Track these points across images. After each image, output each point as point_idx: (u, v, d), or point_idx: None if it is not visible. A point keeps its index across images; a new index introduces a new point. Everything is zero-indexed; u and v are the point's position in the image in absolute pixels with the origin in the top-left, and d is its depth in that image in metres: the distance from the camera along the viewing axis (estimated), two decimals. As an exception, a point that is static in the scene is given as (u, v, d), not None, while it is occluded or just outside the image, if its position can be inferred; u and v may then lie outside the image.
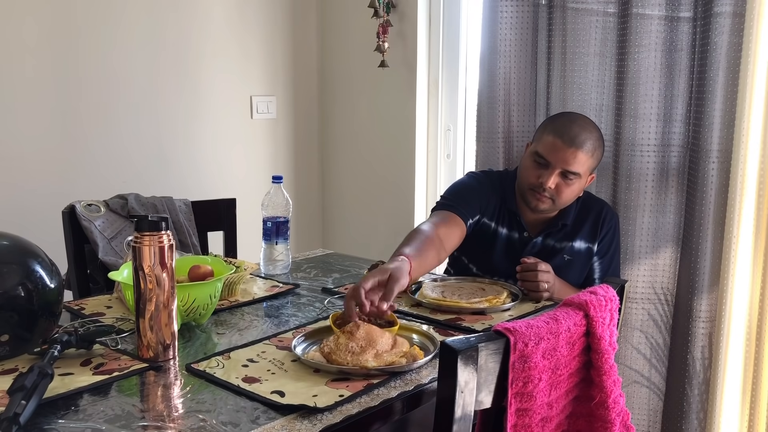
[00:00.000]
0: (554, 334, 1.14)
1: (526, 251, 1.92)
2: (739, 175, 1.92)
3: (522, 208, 1.94)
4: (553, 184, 1.81)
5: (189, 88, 2.76)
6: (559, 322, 1.15)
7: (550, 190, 1.83)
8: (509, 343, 1.09)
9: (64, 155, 2.46)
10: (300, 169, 3.19)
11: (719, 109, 1.97)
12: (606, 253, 1.98)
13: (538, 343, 1.11)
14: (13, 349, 1.31)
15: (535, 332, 1.11)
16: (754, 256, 1.98)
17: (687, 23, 2.06)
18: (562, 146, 1.80)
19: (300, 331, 1.46)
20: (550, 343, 1.13)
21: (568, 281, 1.89)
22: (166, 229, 1.33)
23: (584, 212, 1.96)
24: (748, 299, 2.00)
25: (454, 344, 1.04)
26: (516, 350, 1.09)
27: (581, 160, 1.80)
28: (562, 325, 1.15)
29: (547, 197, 1.84)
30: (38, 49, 2.36)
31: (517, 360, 1.10)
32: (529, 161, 1.87)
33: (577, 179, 1.83)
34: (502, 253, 1.94)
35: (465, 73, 2.81)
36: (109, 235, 2.06)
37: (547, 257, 1.87)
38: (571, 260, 1.93)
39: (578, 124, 1.84)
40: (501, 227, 1.95)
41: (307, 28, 3.13)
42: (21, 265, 1.31)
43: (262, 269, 1.97)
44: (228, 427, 1.08)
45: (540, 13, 2.32)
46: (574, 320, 1.18)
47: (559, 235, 1.94)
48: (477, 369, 1.06)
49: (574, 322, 1.18)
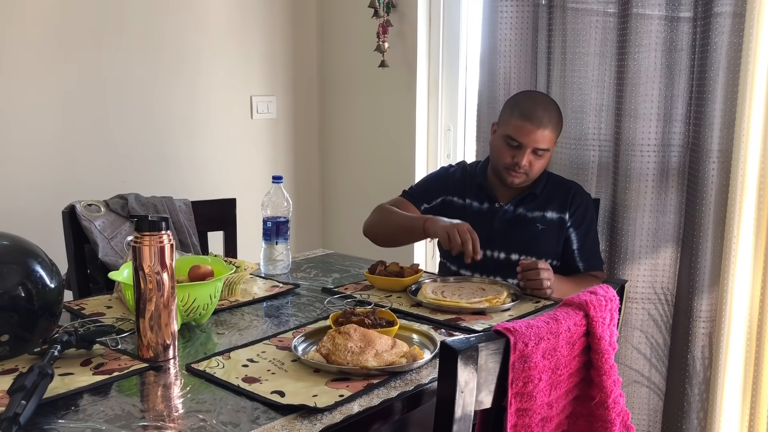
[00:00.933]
0: (554, 334, 1.14)
1: (497, 218, 2.04)
2: (739, 175, 1.92)
3: (492, 181, 2.09)
4: (527, 162, 1.97)
5: (189, 88, 2.76)
6: (559, 322, 1.15)
7: (524, 167, 1.97)
8: (509, 343, 1.09)
9: (64, 155, 2.46)
10: (300, 169, 3.19)
11: (719, 109, 1.97)
12: (581, 224, 2.05)
13: (538, 343, 1.11)
14: (13, 349, 1.31)
15: (535, 332, 1.11)
16: (755, 255, 1.98)
17: (687, 23, 2.06)
18: (531, 128, 1.95)
19: (300, 331, 1.46)
20: (550, 343, 1.13)
21: (545, 251, 2.02)
22: (166, 229, 1.33)
23: (555, 187, 2.08)
24: (748, 299, 2.00)
25: (454, 344, 1.04)
26: (516, 350, 1.09)
27: (549, 137, 1.97)
28: (562, 325, 1.15)
29: (522, 173, 1.99)
30: (38, 49, 2.36)
31: (517, 360, 1.09)
32: (502, 143, 2.01)
33: (546, 153, 1.99)
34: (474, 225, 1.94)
35: (465, 73, 2.81)
36: (109, 235, 2.06)
37: (519, 226, 2.02)
38: (545, 229, 2.03)
39: (542, 105, 2.00)
40: (471, 201, 2.09)
41: (307, 28, 3.13)
42: (21, 265, 1.31)
43: (262, 269, 1.97)
44: (228, 427, 1.08)
45: (540, 13, 2.32)
46: (574, 320, 1.18)
47: (531, 204, 2.04)
48: (477, 369, 1.06)
49: (574, 322, 1.18)
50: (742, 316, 2.00)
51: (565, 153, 2.31)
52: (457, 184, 2.12)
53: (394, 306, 1.67)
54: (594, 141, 2.26)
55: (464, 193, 2.10)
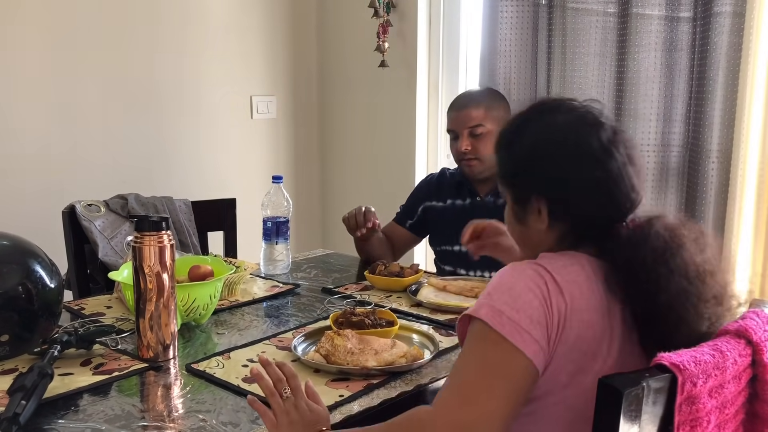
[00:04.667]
0: (721, 369, 0.99)
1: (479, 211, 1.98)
2: (738, 175, 1.92)
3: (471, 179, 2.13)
4: (468, 146, 2.01)
5: (189, 87, 2.76)
6: (724, 355, 1.00)
7: (469, 153, 2.02)
8: (676, 381, 0.94)
9: (64, 155, 2.46)
10: (300, 169, 3.19)
11: (719, 109, 1.97)
12: None
13: (705, 381, 0.97)
14: (13, 349, 1.31)
15: (702, 369, 0.97)
16: (754, 255, 1.98)
17: (687, 23, 2.06)
18: (456, 114, 2.04)
19: (300, 331, 1.46)
20: (717, 379, 0.99)
21: None
22: (167, 229, 1.33)
23: None
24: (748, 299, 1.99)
25: (616, 382, 0.89)
26: (684, 391, 0.95)
27: (476, 115, 2.00)
28: (728, 358, 1.01)
29: (472, 158, 2.03)
30: (38, 49, 2.36)
31: (685, 402, 0.95)
32: (449, 142, 2.11)
33: (485, 130, 2.00)
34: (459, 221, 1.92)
35: (465, 73, 2.81)
36: (109, 235, 2.06)
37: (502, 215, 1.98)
38: None
39: (466, 93, 2.13)
40: (453, 200, 2.13)
41: (307, 28, 3.13)
42: (21, 265, 1.31)
43: (262, 269, 1.97)
44: (228, 427, 1.08)
45: (540, 13, 2.32)
46: (738, 350, 1.03)
47: None
48: (640, 414, 0.92)
49: (738, 353, 1.03)
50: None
51: (565, 153, 2.31)
52: (433, 188, 2.18)
53: (394, 306, 1.67)
54: (594, 141, 2.26)
55: (442, 195, 2.15)
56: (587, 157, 1.04)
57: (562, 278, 0.99)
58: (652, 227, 1.03)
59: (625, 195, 1.05)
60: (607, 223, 1.06)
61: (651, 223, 1.04)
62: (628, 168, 1.05)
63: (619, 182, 1.04)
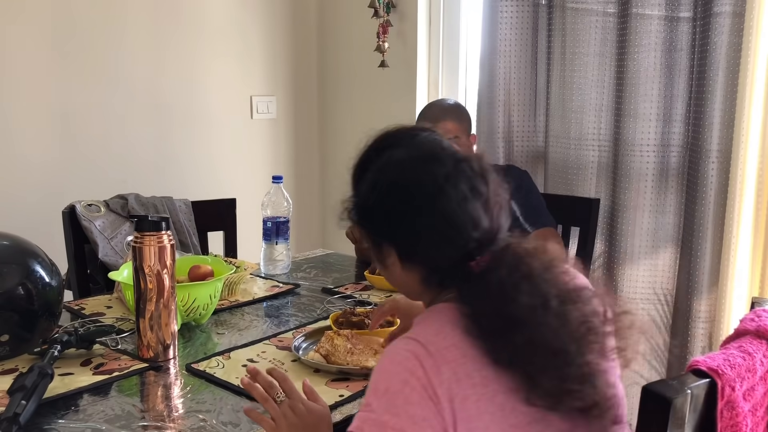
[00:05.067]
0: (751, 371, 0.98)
1: None
2: (738, 175, 1.92)
3: None
4: None
5: (189, 87, 2.76)
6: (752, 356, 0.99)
7: None
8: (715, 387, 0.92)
9: (64, 155, 2.46)
10: (300, 169, 3.19)
11: (719, 109, 1.97)
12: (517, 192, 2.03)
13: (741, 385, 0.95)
14: (13, 349, 1.31)
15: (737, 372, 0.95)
16: (753, 256, 1.98)
17: (687, 23, 2.06)
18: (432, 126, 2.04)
19: (300, 331, 1.46)
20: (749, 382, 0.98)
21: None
22: (167, 229, 1.33)
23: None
24: (747, 299, 2.00)
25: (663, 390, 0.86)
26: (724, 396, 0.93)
27: (452, 127, 2.01)
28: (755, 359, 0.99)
29: None
30: (38, 49, 2.36)
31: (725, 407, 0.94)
32: None
33: (460, 143, 1.99)
34: None
35: (465, 73, 2.81)
36: (109, 235, 2.06)
37: None
38: None
39: (435, 104, 2.18)
40: None
41: (307, 28, 3.13)
42: (21, 265, 1.31)
43: (262, 269, 1.97)
44: (228, 427, 1.08)
45: (540, 13, 2.32)
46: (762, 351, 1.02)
47: None
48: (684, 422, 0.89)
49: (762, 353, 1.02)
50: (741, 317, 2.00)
51: (564, 153, 2.31)
52: None
53: (394, 306, 1.67)
54: (593, 141, 2.26)
55: None
56: (420, 198, 0.98)
57: (437, 347, 0.90)
58: (496, 263, 0.96)
59: (466, 233, 0.96)
60: (456, 263, 0.97)
61: (496, 258, 0.97)
62: (468, 204, 0.96)
63: (454, 221, 0.96)
